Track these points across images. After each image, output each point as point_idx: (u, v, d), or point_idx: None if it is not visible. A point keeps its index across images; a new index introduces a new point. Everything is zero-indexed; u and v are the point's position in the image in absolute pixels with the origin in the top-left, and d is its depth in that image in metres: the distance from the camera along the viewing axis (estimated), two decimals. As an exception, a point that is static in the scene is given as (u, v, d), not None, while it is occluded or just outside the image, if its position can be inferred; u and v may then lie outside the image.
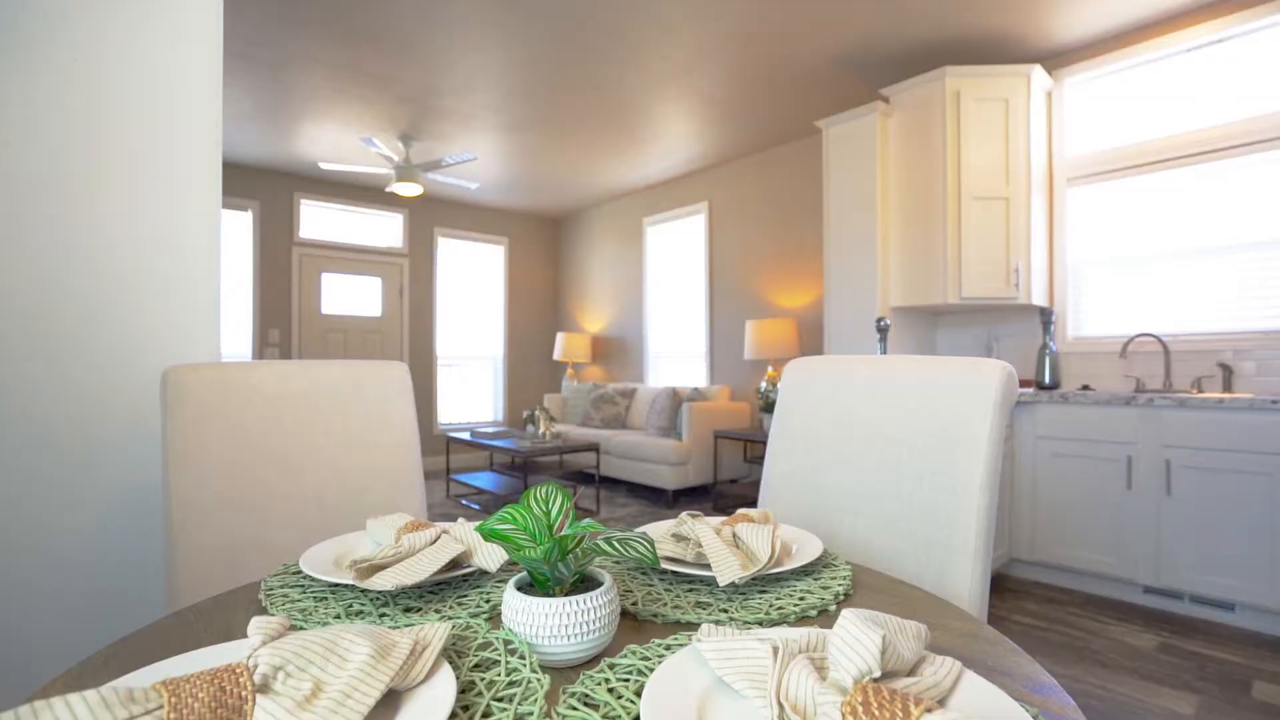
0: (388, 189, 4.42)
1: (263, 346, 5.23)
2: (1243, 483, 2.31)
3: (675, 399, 4.79)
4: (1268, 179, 2.70)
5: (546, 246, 7.05)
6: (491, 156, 4.83)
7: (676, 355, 5.56)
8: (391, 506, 1.24)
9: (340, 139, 4.43)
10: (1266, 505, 2.26)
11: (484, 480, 4.44)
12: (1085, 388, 3.12)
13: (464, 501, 4.60)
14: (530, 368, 6.90)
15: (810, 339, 4.44)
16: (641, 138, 4.46)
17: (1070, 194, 3.26)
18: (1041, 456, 2.80)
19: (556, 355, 6.23)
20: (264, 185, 5.22)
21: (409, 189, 4.32)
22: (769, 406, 4.10)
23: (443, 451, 6.20)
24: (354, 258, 5.69)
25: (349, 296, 5.69)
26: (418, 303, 6.08)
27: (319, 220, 5.54)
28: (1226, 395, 2.62)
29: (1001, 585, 2.84)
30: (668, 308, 5.66)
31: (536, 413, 4.19)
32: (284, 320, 5.33)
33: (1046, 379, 3.16)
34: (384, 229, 5.93)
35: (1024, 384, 3.21)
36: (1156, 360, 2.96)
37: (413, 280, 6.05)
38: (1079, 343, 3.21)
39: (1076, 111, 3.27)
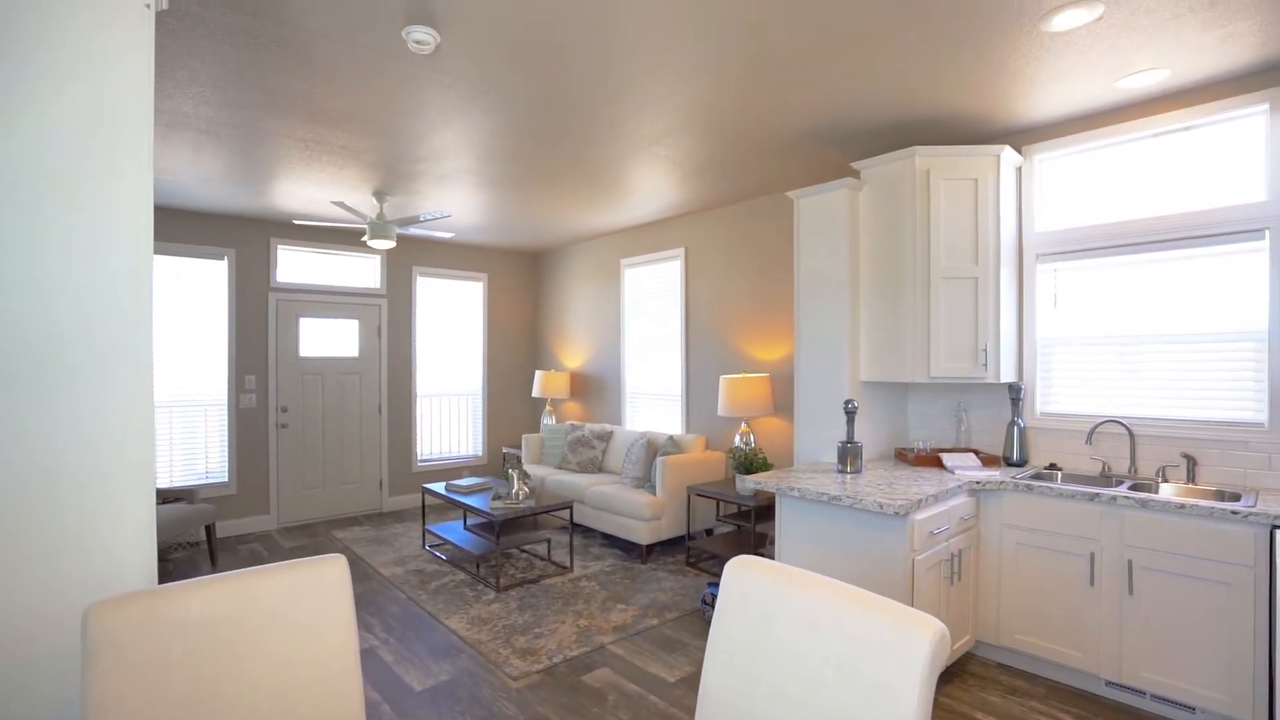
0: (363, 239, 4.37)
1: (239, 393, 5.17)
2: (1203, 589, 2.33)
3: (651, 449, 4.78)
4: (1233, 271, 2.72)
5: (526, 281, 7.01)
6: (467, 207, 4.78)
7: (654, 396, 5.55)
8: (329, 718, 1.22)
9: (314, 194, 4.37)
10: (1226, 613, 2.29)
11: (457, 535, 4.41)
12: (1053, 466, 3.15)
13: (437, 554, 4.57)
14: (510, 402, 6.87)
15: (783, 396, 4.44)
16: (616, 192, 4.44)
17: (1039, 270, 3.28)
18: (1007, 545, 2.81)
19: (535, 393, 6.21)
20: (240, 233, 5.15)
21: (383, 244, 4.27)
22: (740, 466, 4.10)
23: (419, 490, 6.17)
24: (331, 300, 5.63)
25: (327, 338, 5.64)
26: (396, 341, 6.04)
27: (296, 264, 5.48)
28: (1188, 497, 2.65)
29: (966, 668, 2.86)
30: (645, 349, 5.65)
31: (511, 471, 4.16)
32: (261, 365, 5.27)
33: (1015, 455, 3.18)
34: (362, 270, 5.87)
35: (991, 461, 3.23)
36: (1123, 443, 2.99)
37: (391, 319, 6.00)
38: (1047, 419, 3.23)
39: (1045, 188, 3.28)
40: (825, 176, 4.11)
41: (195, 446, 5.03)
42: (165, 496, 4.26)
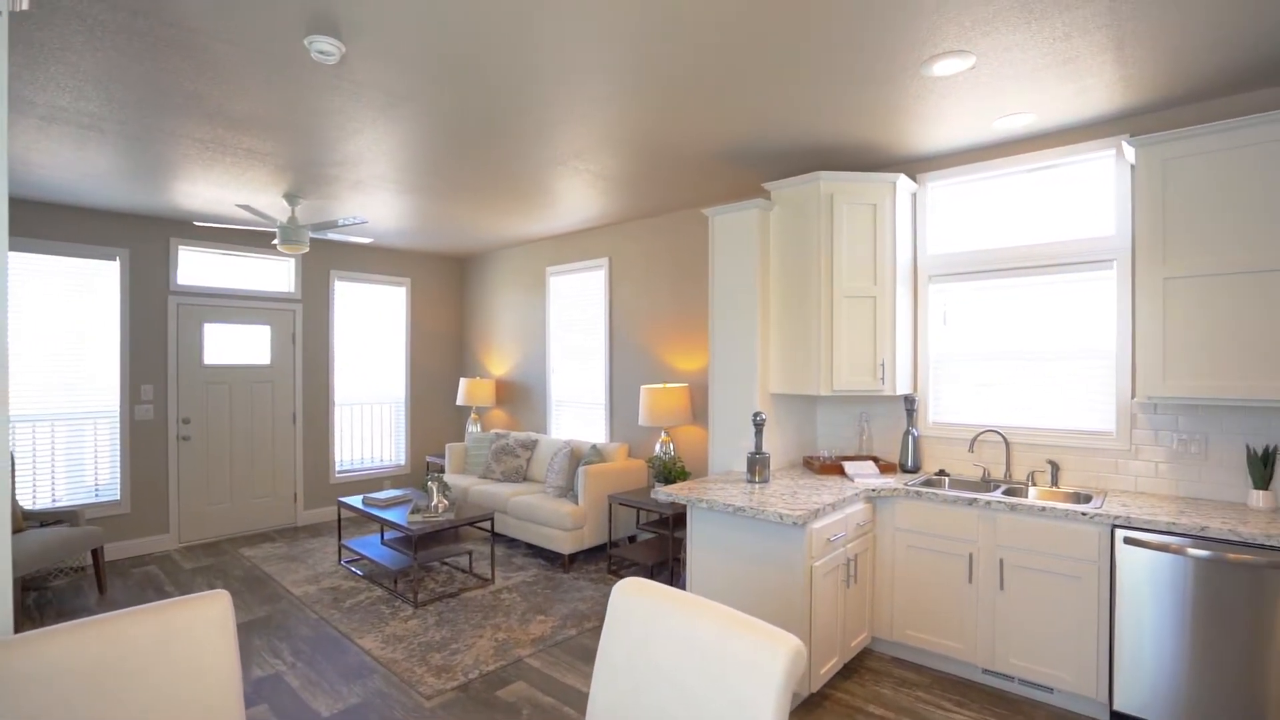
0: (274, 244, 4.18)
1: (134, 403, 4.83)
2: (1058, 583, 2.60)
3: (574, 458, 4.82)
4: (1091, 296, 3.04)
5: (451, 286, 6.89)
6: (387, 212, 4.67)
7: (579, 404, 5.59)
8: (205, 758, 1.20)
9: (218, 195, 4.15)
10: (1075, 604, 2.56)
11: (374, 550, 4.30)
12: (942, 472, 3.40)
13: (353, 569, 4.44)
14: (434, 410, 6.73)
15: (702, 405, 4.58)
16: (539, 202, 4.45)
17: (931, 290, 3.54)
18: (900, 548, 3.03)
19: (460, 401, 6.12)
20: (134, 232, 4.81)
21: (295, 250, 4.10)
22: (660, 474, 4.21)
23: (335, 503, 5.94)
24: (240, 305, 5.34)
25: (235, 345, 5.35)
26: (312, 348, 5.80)
27: (199, 266, 5.17)
28: (1050, 500, 2.94)
29: (864, 663, 3.05)
30: (570, 357, 5.67)
31: (430, 483, 4.10)
32: (159, 374, 4.94)
33: (909, 462, 3.42)
34: (274, 273, 5.61)
35: (888, 469, 3.46)
36: (1000, 450, 3.27)
37: (307, 325, 5.76)
38: (938, 428, 3.50)
39: (937, 213, 3.55)
40: (742, 194, 4.27)
41: (83, 462, 4.67)
42: (44, 519, 3.93)
